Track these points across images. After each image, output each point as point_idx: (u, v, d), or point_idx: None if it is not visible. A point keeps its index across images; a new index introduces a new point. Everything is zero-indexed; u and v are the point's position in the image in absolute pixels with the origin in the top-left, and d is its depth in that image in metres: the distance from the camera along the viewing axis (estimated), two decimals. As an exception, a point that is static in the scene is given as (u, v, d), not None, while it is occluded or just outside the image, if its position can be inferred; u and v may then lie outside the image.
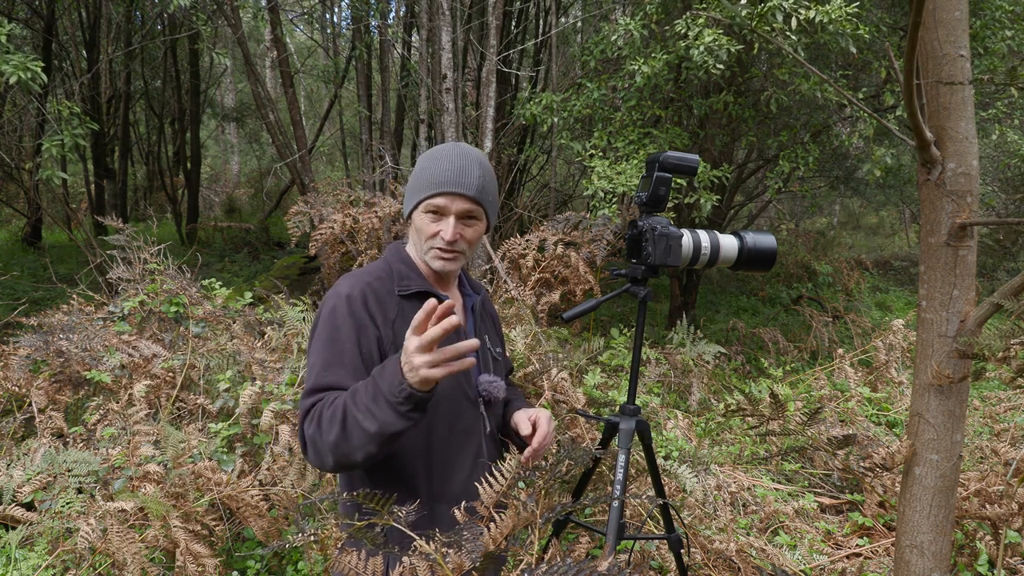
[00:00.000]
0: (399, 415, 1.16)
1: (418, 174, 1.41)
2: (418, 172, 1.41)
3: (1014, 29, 4.78)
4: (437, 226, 1.39)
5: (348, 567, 1.14)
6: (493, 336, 1.61)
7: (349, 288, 1.37)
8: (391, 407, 1.16)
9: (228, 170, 18.38)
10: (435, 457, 1.40)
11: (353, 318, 1.34)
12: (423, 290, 1.41)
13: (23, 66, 4.04)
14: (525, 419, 1.49)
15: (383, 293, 1.39)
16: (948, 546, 1.94)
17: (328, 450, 1.23)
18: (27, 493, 2.38)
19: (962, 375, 1.84)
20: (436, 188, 1.36)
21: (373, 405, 1.18)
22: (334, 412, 1.23)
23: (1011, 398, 4.49)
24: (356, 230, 4.91)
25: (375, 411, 1.17)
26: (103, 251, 4.03)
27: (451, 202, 1.37)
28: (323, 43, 10.72)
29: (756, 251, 1.82)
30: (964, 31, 1.79)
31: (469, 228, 1.41)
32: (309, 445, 1.27)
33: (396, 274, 1.43)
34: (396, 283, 1.41)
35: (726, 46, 4.11)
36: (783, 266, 8.98)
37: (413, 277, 1.43)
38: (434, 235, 1.39)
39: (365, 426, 1.18)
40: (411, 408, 1.16)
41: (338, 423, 1.21)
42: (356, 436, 1.19)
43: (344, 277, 1.42)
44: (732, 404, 4.61)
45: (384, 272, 1.44)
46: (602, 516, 3.07)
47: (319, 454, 1.25)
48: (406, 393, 1.15)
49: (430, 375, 1.13)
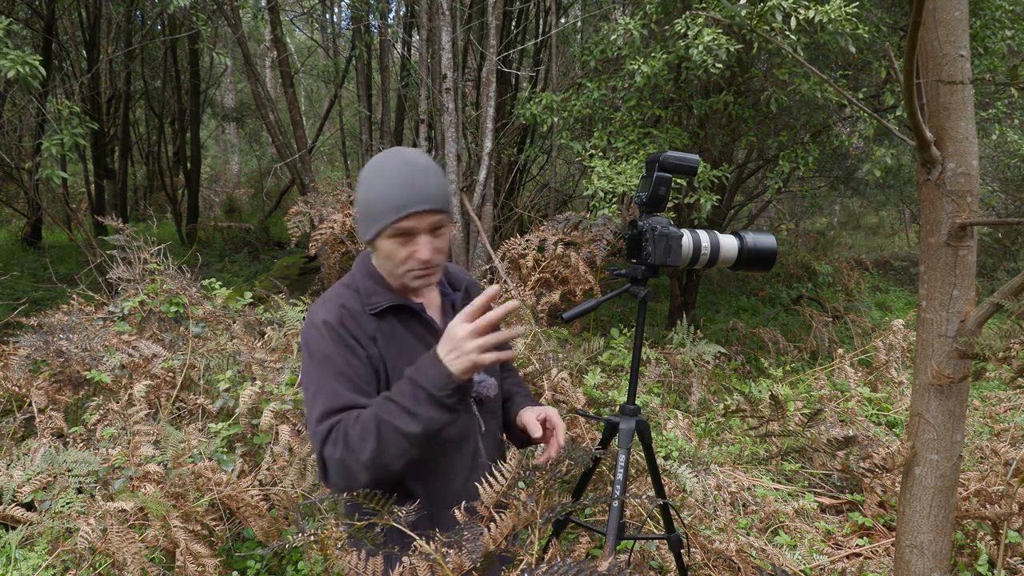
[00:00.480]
0: (446, 409, 1.17)
1: (371, 199, 1.30)
2: (370, 196, 1.30)
3: (1014, 29, 4.78)
4: (408, 249, 1.32)
5: (348, 567, 1.14)
6: None
7: (325, 314, 1.33)
8: (436, 403, 1.16)
9: (228, 170, 18.38)
10: (429, 463, 1.38)
11: (339, 341, 1.31)
12: (395, 304, 1.37)
13: (21, 60, 4.04)
14: (534, 419, 1.47)
15: (357, 312, 1.35)
16: (948, 546, 1.94)
17: (363, 468, 1.20)
18: (27, 493, 2.38)
19: (962, 375, 1.84)
20: (398, 212, 1.27)
21: (414, 406, 1.17)
22: (364, 428, 1.20)
23: (1011, 398, 4.49)
24: (356, 230, 4.90)
25: (418, 411, 1.17)
26: (103, 251, 4.03)
27: (418, 222, 1.29)
28: (323, 43, 10.72)
29: (756, 251, 1.82)
30: (964, 31, 1.79)
31: (439, 239, 1.35)
32: (334, 468, 1.23)
33: (364, 292, 1.38)
34: (364, 301, 1.37)
35: (725, 45, 4.11)
36: (783, 266, 8.98)
37: (381, 292, 1.38)
38: (406, 259, 1.32)
39: (408, 430, 1.17)
40: (458, 399, 1.18)
41: (372, 437, 1.19)
42: (395, 444, 1.18)
43: (316, 304, 1.38)
44: (732, 404, 4.61)
45: (352, 291, 1.39)
46: (602, 516, 3.07)
47: (350, 474, 1.21)
48: (455, 384, 1.16)
49: (481, 360, 1.14)
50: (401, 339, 1.37)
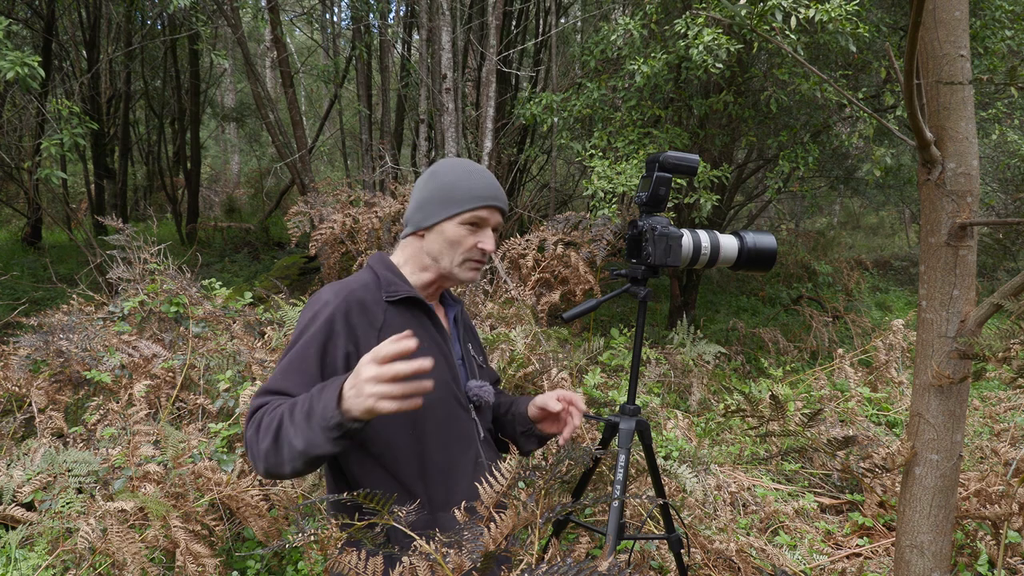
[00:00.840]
0: (326, 439, 1.12)
1: (451, 186, 1.41)
2: (450, 185, 1.41)
3: (1014, 29, 4.78)
4: (475, 238, 1.42)
5: (348, 567, 1.14)
6: (476, 346, 1.62)
7: (333, 296, 1.35)
8: (320, 430, 1.12)
9: (228, 170, 18.38)
10: (431, 467, 1.38)
11: (326, 327, 1.31)
12: (412, 296, 1.40)
13: (21, 61, 4.04)
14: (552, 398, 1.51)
15: (369, 301, 1.37)
16: (948, 546, 1.94)
17: (260, 457, 1.20)
18: (27, 493, 2.38)
19: (962, 375, 1.84)
20: (480, 201, 1.40)
21: (305, 423, 1.14)
22: (271, 420, 1.20)
23: (1011, 398, 4.49)
24: (356, 230, 4.91)
25: (305, 429, 1.14)
26: (103, 251, 4.03)
27: (491, 215, 1.43)
28: (323, 43, 10.72)
29: (756, 251, 1.82)
30: (964, 31, 1.79)
31: (493, 241, 1.46)
32: (248, 447, 1.24)
33: (384, 281, 1.41)
34: (384, 289, 1.40)
35: (725, 45, 4.11)
36: (783, 266, 8.97)
37: (400, 284, 1.42)
38: (471, 247, 1.42)
39: (294, 442, 1.15)
40: (340, 435, 1.12)
41: (272, 433, 1.18)
42: (285, 450, 1.16)
43: (330, 285, 1.40)
44: (732, 404, 4.61)
45: (370, 280, 1.42)
46: (602, 516, 3.07)
47: (253, 458, 1.22)
48: (337, 421, 1.10)
49: (378, 407, 1.08)
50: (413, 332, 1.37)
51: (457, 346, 1.52)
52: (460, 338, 1.54)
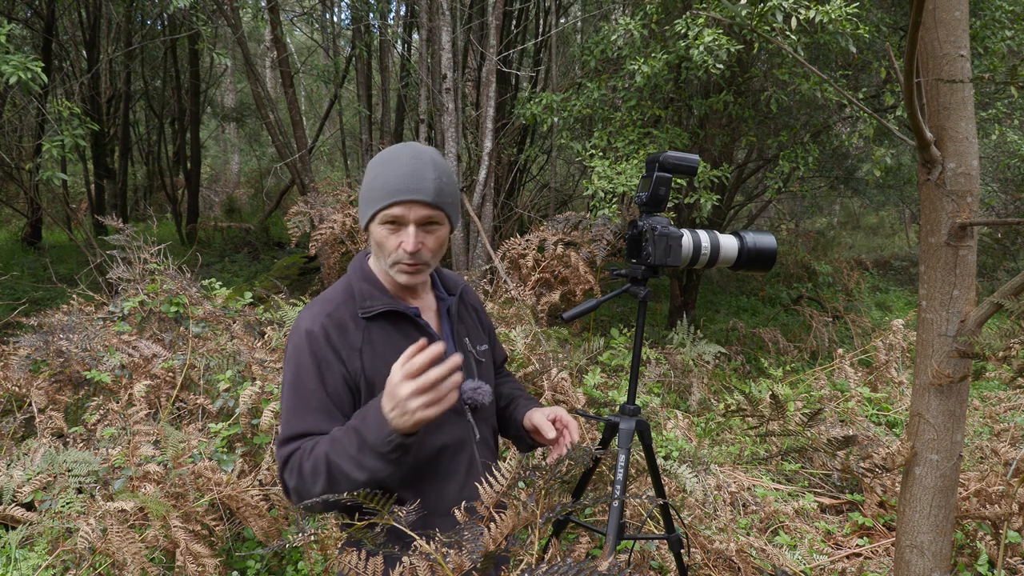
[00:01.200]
0: (388, 462, 1.16)
1: (370, 183, 1.31)
2: (370, 180, 1.32)
3: (1014, 29, 4.78)
4: (397, 238, 1.31)
5: (348, 567, 1.14)
6: (475, 333, 1.52)
7: (310, 323, 1.31)
8: (379, 457, 1.15)
9: (228, 170, 18.38)
10: (424, 474, 1.36)
11: (314, 356, 1.29)
12: (388, 309, 1.35)
13: (23, 66, 4.04)
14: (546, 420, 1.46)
15: (345, 320, 1.33)
16: (948, 546, 1.94)
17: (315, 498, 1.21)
18: (27, 493, 2.38)
19: (962, 375, 1.84)
20: (391, 197, 1.27)
21: (360, 456, 1.16)
22: (315, 464, 1.21)
23: (1011, 398, 4.49)
24: (356, 230, 4.91)
25: (363, 461, 1.16)
26: (103, 251, 4.03)
27: (408, 210, 1.28)
28: (323, 43, 10.72)
29: (756, 251, 1.82)
30: (964, 31, 1.79)
31: (431, 235, 1.33)
32: (294, 495, 1.26)
33: (359, 295, 1.36)
34: (358, 305, 1.34)
35: (726, 46, 4.11)
36: (783, 266, 8.97)
37: (376, 295, 1.36)
38: (395, 248, 1.31)
39: (354, 477, 1.17)
40: (401, 454, 1.16)
41: (323, 476, 1.20)
42: (344, 485, 1.19)
43: (307, 308, 1.36)
44: (732, 404, 4.61)
45: (346, 294, 1.37)
46: (602, 516, 3.07)
47: (302, 500, 1.24)
48: (396, 443, 1.14)
49: (425, 416, 1.12)
50: (393, 345, 1.34)
51: (450, 345, 1.45)
52: (454, 333, 1.46)
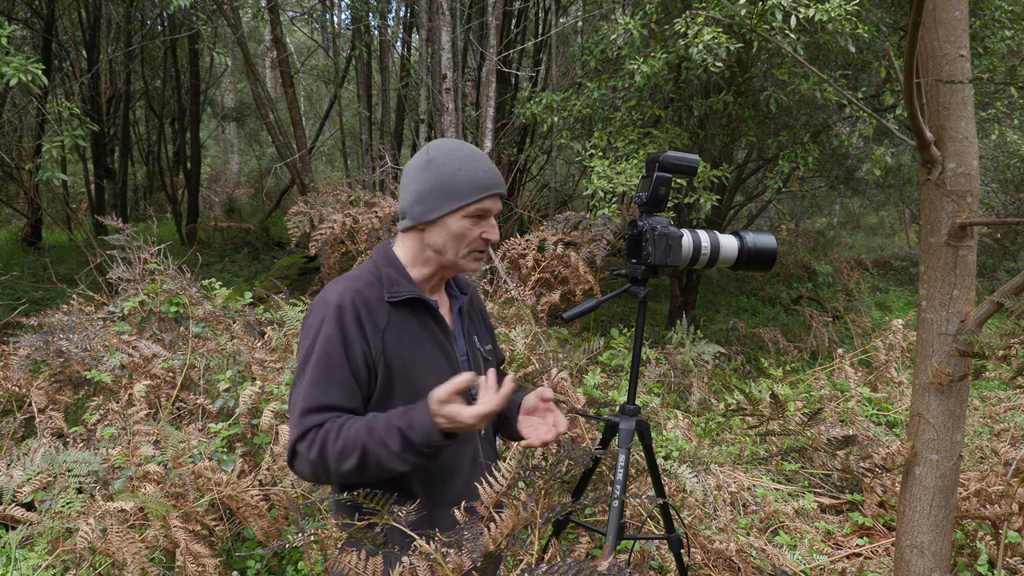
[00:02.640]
0: (427, 457, 1.26)
1: (451, 178, 1.36)
2: (450, 176, 1.36)
3: (1014, 29, 4.78)
4: (479, 228, 1.39)
5: (348, 567, 1.14)
6: (483, 334, 1.59)
7: (339, 297, 1.34)
8: (422, 454, 1.25)
9: (228, 170, 18.38)
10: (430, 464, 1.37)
11: (342, 330, 1.32)
12: (413, 296, 1.39)
13: (23, 68, 4.05)
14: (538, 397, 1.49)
15: (373, 300, 1.37)
16: (948, 546, 1.94)
17: (336, 477, 1.28)
18: (27, 493, 2.38)
19: (962, 374, 1.84)
20: (484, 192, 1.36)
21: (404, 452, 1.24)
22: (346, 446, 1.26)
23: (1011, 398, 4.49)
24: (356, 230, 4.91)
25: (407, 457, 1.25)
26: (103, 251, 4.03)
27: (494, 203, 1.40)
28: (323, 43, 10.72)
29: (756, 251, 1.82)
30: (964, 31, 1.79)
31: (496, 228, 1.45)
32: (305, 464, 1.30)
33: (386, 279, 1.40)
34: (386, 289, 1.39)
35: (725, 44, 4.11)
36: (783, 266, 8.97)
37: (403, 283, 1.40)
38: (476, 238, 1.39)
39: (392, 467, 1.26)
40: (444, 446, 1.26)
41: (355, 459, 1.26)
42: (375, 472, 1.27)
43: (333, 283, 1.39)
44: (732, 404, 4.61)
45: (373, 277, 1.40)
46: (602, 516, 3.07)
47: (319, 476, 1.30)
48: (442, 444, 1.24)
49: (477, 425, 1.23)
50: (413, 332, 1.39)
51: (461, 341, 1.50)
52: (464, 331, 1.52)
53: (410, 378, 1.37)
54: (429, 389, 1.36)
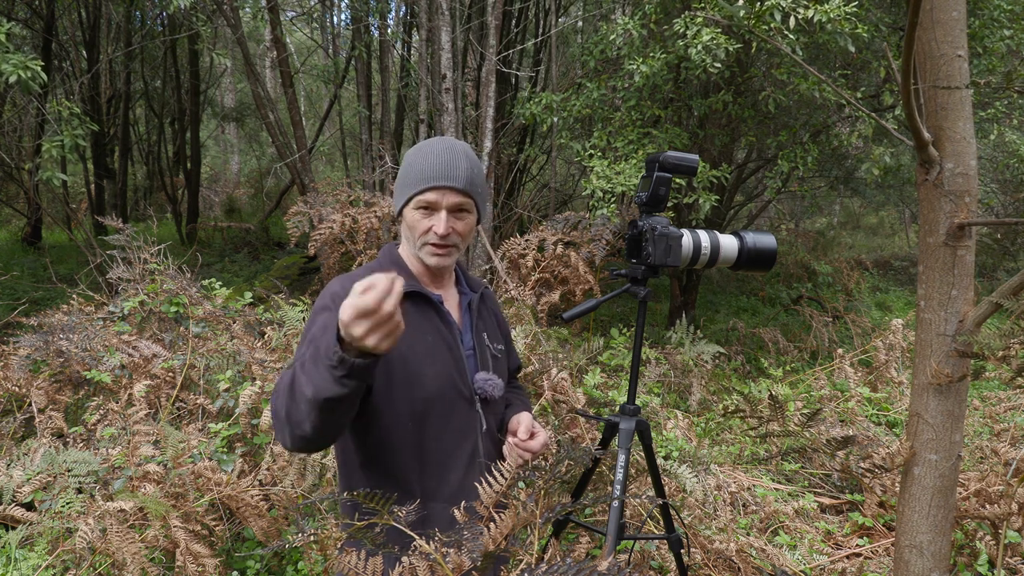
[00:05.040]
0: (334, 379, 1.10)
1: (406, 170, 1.42)
2: (406, 168, 1.42)
3: (1013, 28, 4.78)
4: (429, 221, 1.39)
5: (348, 567, 1.14)
6: (494, 333, 1.59)
7: (340, 287, 1.38)
8: (327, 369, 1.11)
9: (228, 170, 18.38)
10: (428, 455, 1.40)
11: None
12: (415, 291, 1.41)
13: (23, 65, 4.04)
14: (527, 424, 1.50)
15: None
16: (948, 546, 1.94)
17: (284, 422, 1.21)
18: (27, 493, 2.38)
19: (961, 374, 1.84)
20: (425, 183, 1.37)
21: (311, 366, 1.14)
22: (285, 381, 1.22)
23: (1011, 398, 4.49)
24: (355, 230, 4.91)
25: (312, 373, 1.13)
26: (103, 251, 4.03)
27: (441, 196, 1.38)
28: (323, 43, 10.72)
29: (756, 251, 1.82)
30: (962, 31, 1.79)
31: (460, 221, 1.41)
32: (273, 419, 1.26)
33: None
34: None
35: (724, 44, 4.11)
36: (783, 266, 8.97)
37: (406, 278, 1.43)
38: (426, 231, 1.40)
39: (305, 391, 1.14)
40: (345, 373, 1.10)
41: (286, 391, 1.19)
42: (301, 403, 1.16)
43: (337, 278, 1.43)
44: (732, 404, 4.61)
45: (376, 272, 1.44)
46: (602, 516, 3.07)
47: (279, 430, 1.24)
48: (338, 356, 1.09)
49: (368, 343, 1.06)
50: (415, 324, 1.40)
51: (468, 336, 1.50)
52: (473, 327, 1.52)
53: (409, 368, 1.38)
54: (429, 380, 1.37)
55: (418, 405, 1.38)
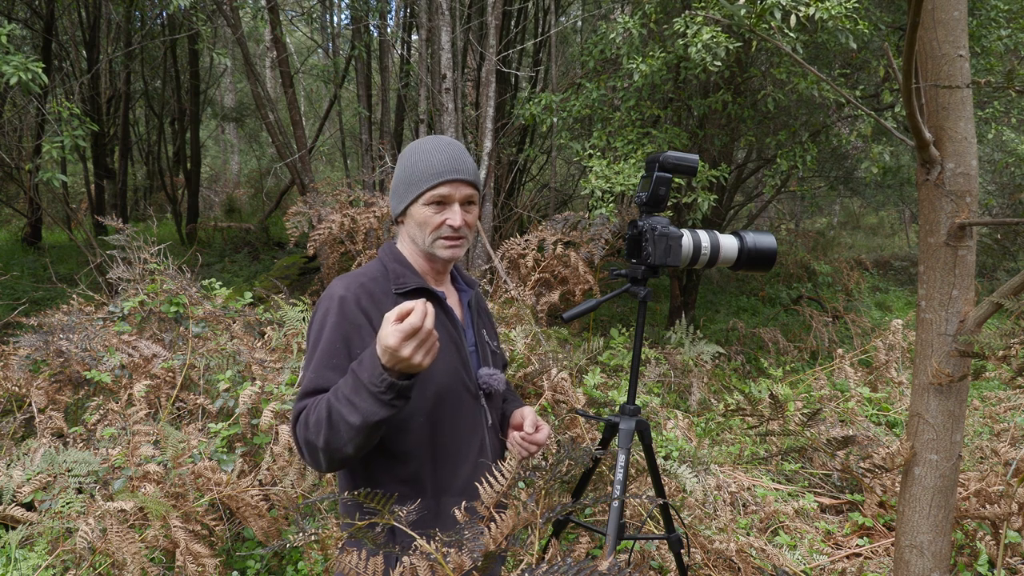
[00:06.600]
0: (382, 404, 1.18)
1: (410, 169, 1.42)
2: (410, 167, 1.43)
3: (1011, 28, 4.78)
4: (442, 216, 1.41)
5: (348, 567, 1.14)
6: (490, 330, 1.63)
7: (343, 289, 1.38)
8: (373, 397, 1.18)
9: (228, 170, 18.37)
10: (440, 451, 1.41)
11: (345, 320, 1.35)
12: (419, 287, 1.43)
13: (23, 67, 4.04)
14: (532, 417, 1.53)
15: (378, 293, 1.40)
16: (948, 546, 1.94)
17: (321, 450, 1.25)
18: (27, 493, 2.38)
19: (961, 374, 1.84)
20: (438, 178, 1.39)
21: (355, 397, 1.19)
22: (319, 413, 1.25)
23: (1011, 398, 4.49)
24: (355, 230, 4.91)
25: (357, 403, 1.19)
26: (103, 251, 4.03)
27: (455, 189, 1.41)
28: (323, 43, 10.72)
29: (756, 251, 1.82)
30: (963, 31, 1.79)
31: (469, 214, 1.45)
32: (304, 448, 1.29)
33: (392, 273, 1.44)
34: (392, 282, 1.43)
35: (724, 43, 4.11)
36: (783, 266, 8.97)
37: (408, 275, 1.44)
38: (439, 225, 1.41)
39: (350, 420, 1.20)
40: (394, 396, 1.18)
41: (324, 422, 1.23)
42: (343, 430, 1.21)
43: (338, 278, 1.43)
44: (732, 404, 4.61)
45: (379, 272, 1.45)
46: (602, 516, 3.07)
47: (314, 457, 1.28)
48: (388, 382, 1.17)
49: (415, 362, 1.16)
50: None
51: (470, 332, 1.53)
52: (474, 324, 1.54)
53: None
54: (437, 377, 1.38)
55: (428, 402, 1.39)
